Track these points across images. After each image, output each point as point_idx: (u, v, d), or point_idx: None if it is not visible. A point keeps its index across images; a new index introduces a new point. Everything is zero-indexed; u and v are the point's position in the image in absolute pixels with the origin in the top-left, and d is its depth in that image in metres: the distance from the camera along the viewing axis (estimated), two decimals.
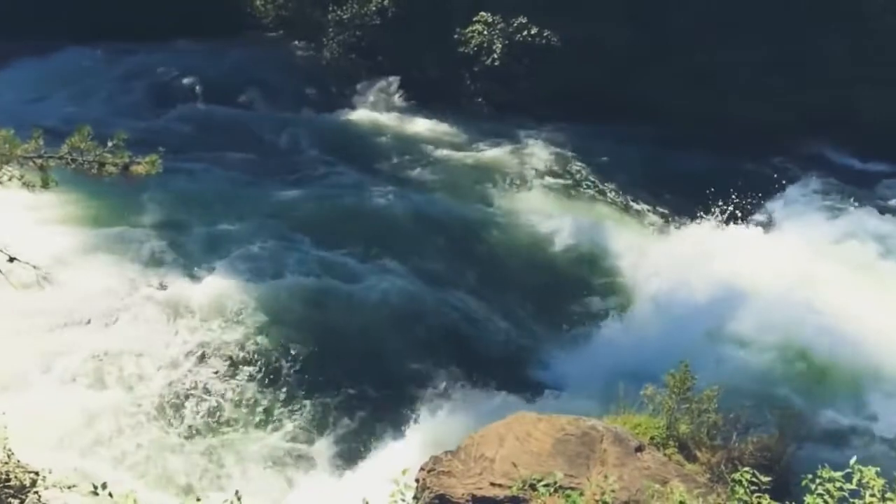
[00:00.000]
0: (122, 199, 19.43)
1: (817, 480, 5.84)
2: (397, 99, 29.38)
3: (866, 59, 26.80)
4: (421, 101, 28.80)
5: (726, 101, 26.30)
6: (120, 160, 7.79)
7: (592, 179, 23.95)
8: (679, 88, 26.77)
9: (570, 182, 23.86)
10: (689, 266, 18.71)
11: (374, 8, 30.16)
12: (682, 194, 22.92)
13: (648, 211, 22.49)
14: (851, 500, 5.80)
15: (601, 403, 12.51)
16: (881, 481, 5.80)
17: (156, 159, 7.78)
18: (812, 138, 26.08)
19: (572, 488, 8.02)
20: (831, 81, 26.59)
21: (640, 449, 10.31)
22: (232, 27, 33.18)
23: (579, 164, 24.66)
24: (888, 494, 5.70)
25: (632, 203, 22.84)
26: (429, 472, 10.43)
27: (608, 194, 23.32)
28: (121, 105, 26.63)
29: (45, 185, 7.61)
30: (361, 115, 28.51)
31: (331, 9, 30.81)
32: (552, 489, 7.37)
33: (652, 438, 10.86)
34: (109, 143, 7.80)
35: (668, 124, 25.72)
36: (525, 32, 28.30)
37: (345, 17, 30.46)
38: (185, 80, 29.19)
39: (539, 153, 25.08)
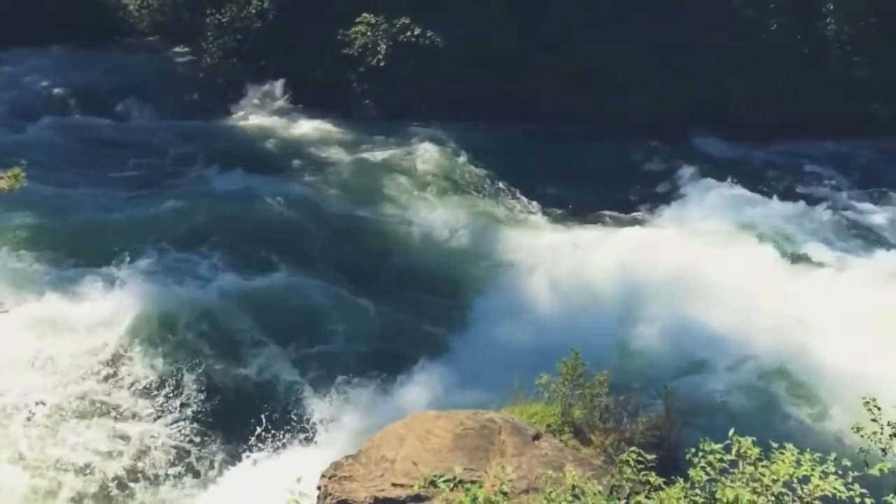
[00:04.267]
0: None
1: (699, 454, 6.12)
2: (283, 102, 28.91)
3: (736, 51, 28.26)
4: (308, 104, 28.45)
5: (607, 96, 27.17)
6: None
7: (481, 177, 24.23)
8: (562, 85, 27.45)
9: (459, 180, 24.06)
10: (577, 258, 19.27)
11: (253, 11, 29.53)
12: (569, 188, 23.57)
13: (537, 206, 22.91)
14: (731, 470, 6.10)
15: (499, 396, 12.65)
16: (757, 450, 6.14)
17: (19, 173, 7.40)
18: (690, 127, 27.24)
19: (473, 481, 8.08)
20: (706, 73, 27.90)
21: (537, 437, 10.48)
22: (107, 33, 31.94)
23: (467, 162, 24.90)
24: (763, 463, 6.04)
25: (520, 198, 23.23)
26: (330, 478, 10.28)
27: (497, 191, 23.64)
28: None
29: None
30: (246, 119, 27.95)
31: (209, 12, 29.98)
32: (452, 484, 7.42)
33: (548, 426, 11.05)
34: None
35: (552, 121, 26.41)
36: (409, 33, 28.33)
37: (224, 20, 29.70)
38: (56, 90, 27.86)
39: (428, 153, 25.17)
